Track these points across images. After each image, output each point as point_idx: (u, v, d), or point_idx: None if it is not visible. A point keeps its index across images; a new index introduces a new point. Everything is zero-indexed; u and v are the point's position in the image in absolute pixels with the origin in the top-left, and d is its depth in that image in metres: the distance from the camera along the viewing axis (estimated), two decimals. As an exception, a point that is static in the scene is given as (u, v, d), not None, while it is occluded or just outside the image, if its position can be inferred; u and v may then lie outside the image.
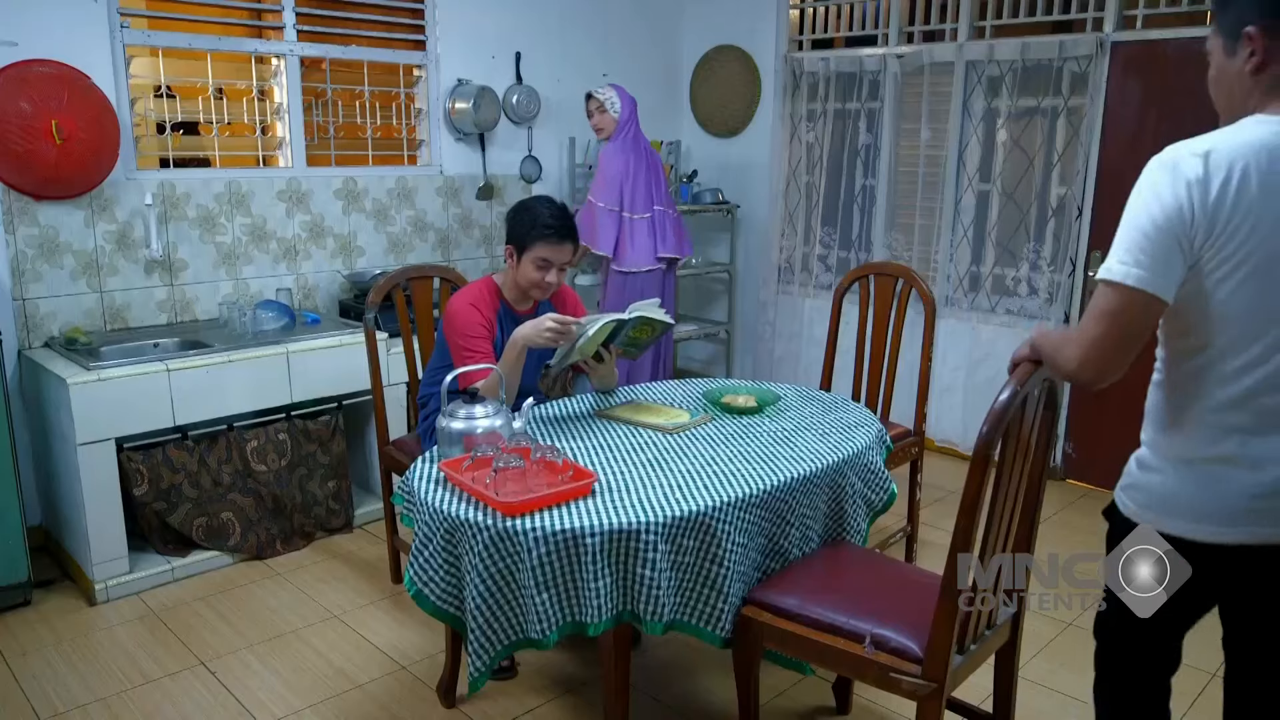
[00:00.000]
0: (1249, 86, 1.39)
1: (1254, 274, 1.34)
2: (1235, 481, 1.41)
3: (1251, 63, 1.38)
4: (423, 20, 4.21)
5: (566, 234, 2.51)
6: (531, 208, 2.54)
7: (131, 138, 3.42)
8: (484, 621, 1.87)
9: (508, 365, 2.42)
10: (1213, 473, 1.44)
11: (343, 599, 3.07)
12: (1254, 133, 1.34)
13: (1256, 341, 1.38)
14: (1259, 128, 1.35)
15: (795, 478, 2.10)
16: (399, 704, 2.50)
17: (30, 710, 2.46)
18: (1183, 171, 1.33)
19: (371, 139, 4.15)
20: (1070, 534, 3.62)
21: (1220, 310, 1.37)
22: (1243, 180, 1.31)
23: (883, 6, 4.53)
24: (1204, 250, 1.34)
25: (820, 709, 2.50)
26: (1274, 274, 1.34)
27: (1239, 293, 1.35)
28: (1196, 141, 1.35)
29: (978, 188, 4.28)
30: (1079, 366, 1.45)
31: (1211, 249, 1.34)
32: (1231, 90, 1.43)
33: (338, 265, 4.02)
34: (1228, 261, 1.34)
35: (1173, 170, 1.34)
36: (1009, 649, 2.05)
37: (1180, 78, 3.68)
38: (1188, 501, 1.46)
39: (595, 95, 4.04)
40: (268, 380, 3.27)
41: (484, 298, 2.57)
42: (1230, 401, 1.41)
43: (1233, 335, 1.39)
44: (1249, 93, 1.40)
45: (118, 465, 2.99)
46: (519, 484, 1.95)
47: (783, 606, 1.97)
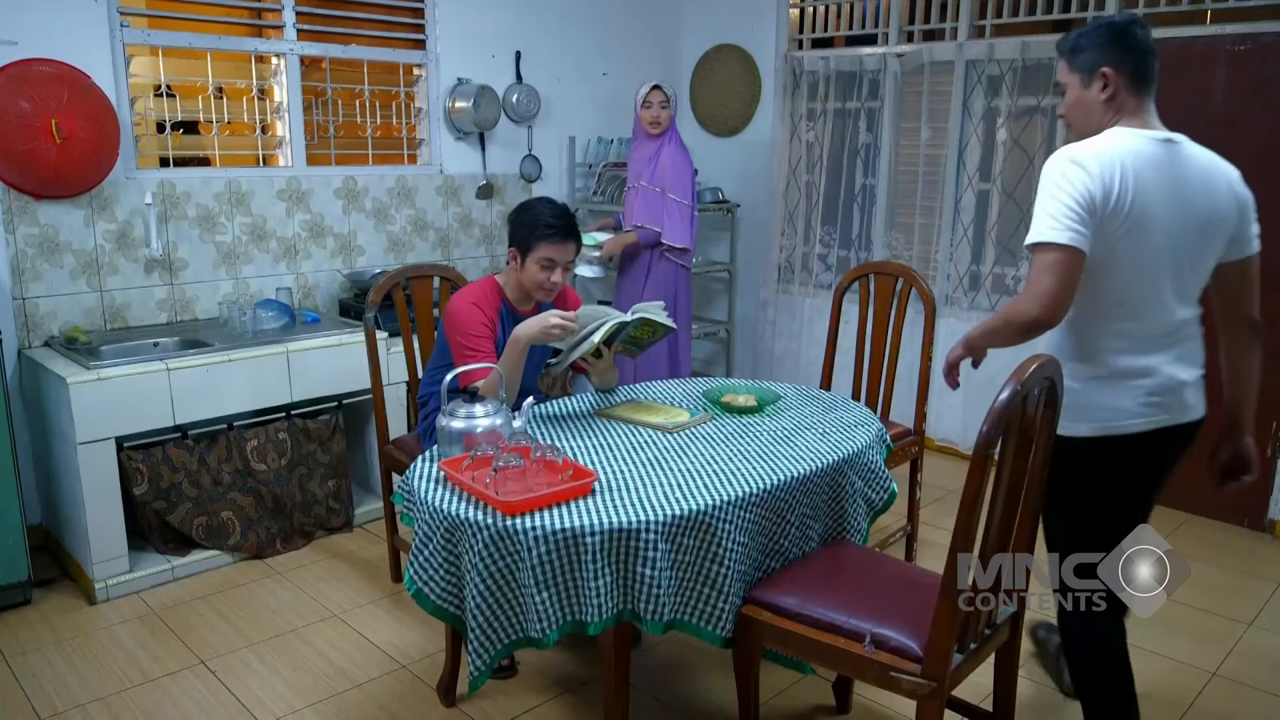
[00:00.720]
0: (1103, 110, 1.92)
1: (1130, 234, 1.82)
2: (1137, 387, 1.91)
3: (1106, 93, 1.90)
4: (423, 19, 4.20)
5: (570, 233, 2.51)
6: (533, 209, 2.54)
7: (131, 137, 3.42)
8: (484, 620, 1.87)
9: (509, 364, 2.42)
10: (1121, 383, 1.92)
11: (343, 598, 3.07)
12: (1122, 137, 1.86)
13: (1133, 286, 1.87)
14: (1124, 134, 1.86)
15: (795, 477, 2.10)
16: (399, 703, 2.50)
17: (30, 709, 2.46)
18: (1085, 165, 1.81)
19: (371, 138, 4.15)
20: (1070, 533, 3.62)
21: (1112, 264, 1.84)
22: (1123, 170, 1.80)
23: (883, 6, 4.53)
24: (1104, 219, 1.80)
25: (820, 708, 2.50)
26: (1145, 235, 1.83)
27: (1122, 250, 1.83)
28: (1085, 145, 1.85)
29: (978, 187, 4.28)
30: (1041, 311, 1.79)
31: (1109, 219, 1.80)
32: (1089, 113, 1.94)
33: (338, 264, 4.02)
34: (1119, 228, 1.81)
35: (1078, 164, 1.81)
36: (1009, 648, 2.05)
37: (1179, 77, 3.67)
38: (1109, 405, 1.93)
39: (663, 88, 3.97)
40: (268, 379, 3.27)
41: (486, 297, 2.57)
42: (1121, 331, 1.90)
43: (1118, 281, 1.86)
44: (1103, 114, 1.92)
45: (118, 464, 2.99)
46: (519, 483, 1.95)
47: (783, 606, 1.97)
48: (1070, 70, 1.95)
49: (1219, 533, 3.68)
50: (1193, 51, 3.63)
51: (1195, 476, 3.79)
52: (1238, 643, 2.85)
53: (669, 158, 3.99)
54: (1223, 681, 2.65)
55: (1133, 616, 2.93)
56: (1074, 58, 1.94)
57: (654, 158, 4.00)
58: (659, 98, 3.93)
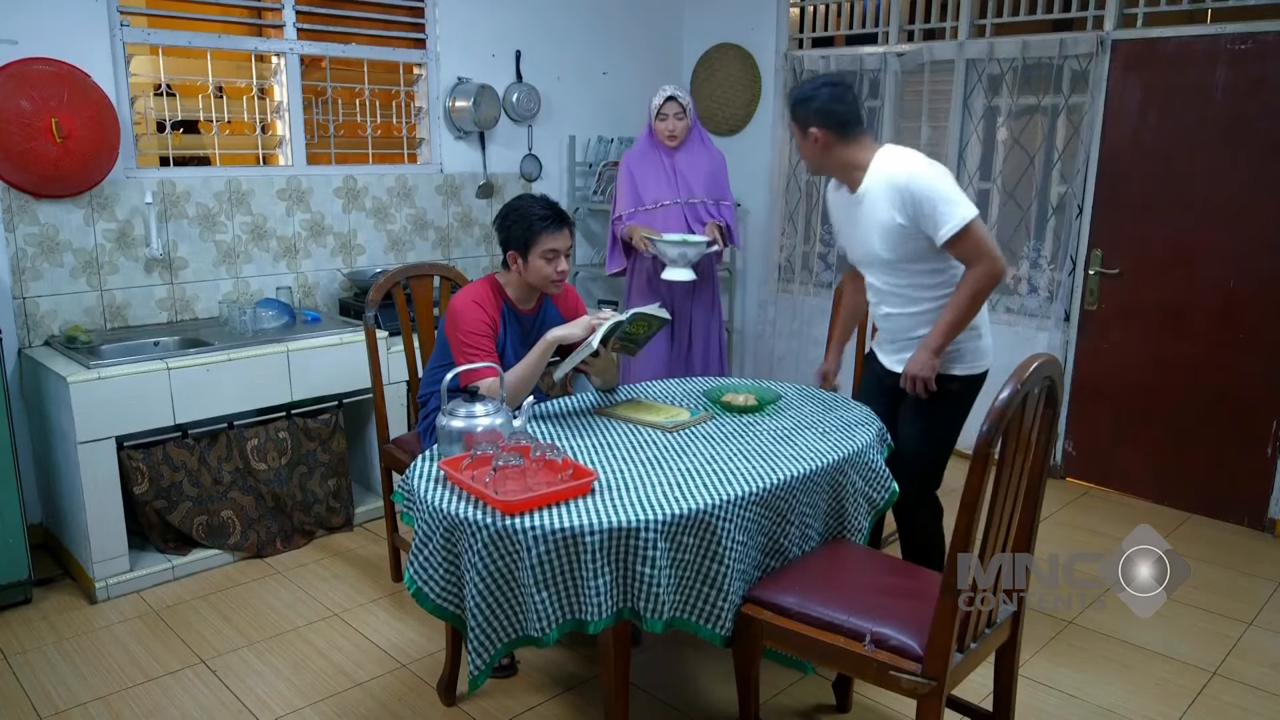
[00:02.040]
0: (823, 154, 2.46)
1: None
2: (986, 335, 2.55)
3: (818, 145, 2.45)
4: (423, 18, 4.20)
5: (564, 220, 2.52)
6: (520, 208, 2.52)
7: (131, 136, 3.42)
8: (483, 619, 1.87)
9: (534, 363, 2.45)
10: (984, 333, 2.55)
11: (343, 597, 3.07)
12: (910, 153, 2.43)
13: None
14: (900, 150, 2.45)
15: (795, 476, 2.10)
16: (399, 702, 2.50)
17: (31, 708, 2.46)
18: (935, 163, 2.41)
19: (371, 137, 4.14)
20: (1070, 533, 3.62)
21: None
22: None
23: (883, 5, 4.53)
24: None
25: (820, 707, 2.50)
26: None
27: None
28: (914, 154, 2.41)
29: (978, 186, 4.28)
30: (1003, 264, 2.38)
31: None
32: (815, 156, 2.48)
33: (338, 264, 4.02)
34: None
35: (933, 163, 2.40)
36: (1009, 647, 2.05)
37: (1180, 76, 3.67)
38: (988, 348, 2.55)
39: (678, 98, 3.66)
40: (268, 379, 3.27)
41: (488, 296, 2.57)
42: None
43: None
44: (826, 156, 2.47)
45: (118, 463, 2.99)
46: (518, 482, 1.95)
47: (783, 604, 1.97)
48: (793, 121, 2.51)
49: (1219, 532, 3.68)
50: (1193, 51, 3.63)
51: (1195, 476, 3.82)
52: (1238, 643, 2.85)
53: (722, 167, 3.83)
54: (1223, 681, 2.65)
55: (1133, 616, 2.94)
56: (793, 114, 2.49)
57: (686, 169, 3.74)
58: (674, 109, 3.64)
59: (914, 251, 2.41)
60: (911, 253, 2.41)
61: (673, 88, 3.70)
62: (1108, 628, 2.89)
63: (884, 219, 2.40)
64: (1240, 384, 3.66)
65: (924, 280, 2.46)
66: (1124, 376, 3.97)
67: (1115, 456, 4.05)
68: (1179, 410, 3.83)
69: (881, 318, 2.61)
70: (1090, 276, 3.98)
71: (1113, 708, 2.51)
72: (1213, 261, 3.67)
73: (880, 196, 2.40)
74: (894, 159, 2.40)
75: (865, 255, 2.54)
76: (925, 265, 2.44)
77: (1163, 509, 3.90)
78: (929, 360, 2.41)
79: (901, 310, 2.52)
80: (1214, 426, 3.75)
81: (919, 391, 2.46)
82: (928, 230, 2.35)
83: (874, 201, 2.42)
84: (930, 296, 2.47)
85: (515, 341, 2.61)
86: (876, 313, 2.64)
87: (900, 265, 2.46)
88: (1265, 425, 3.62)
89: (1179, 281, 3.77)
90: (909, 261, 2.44)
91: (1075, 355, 4.09)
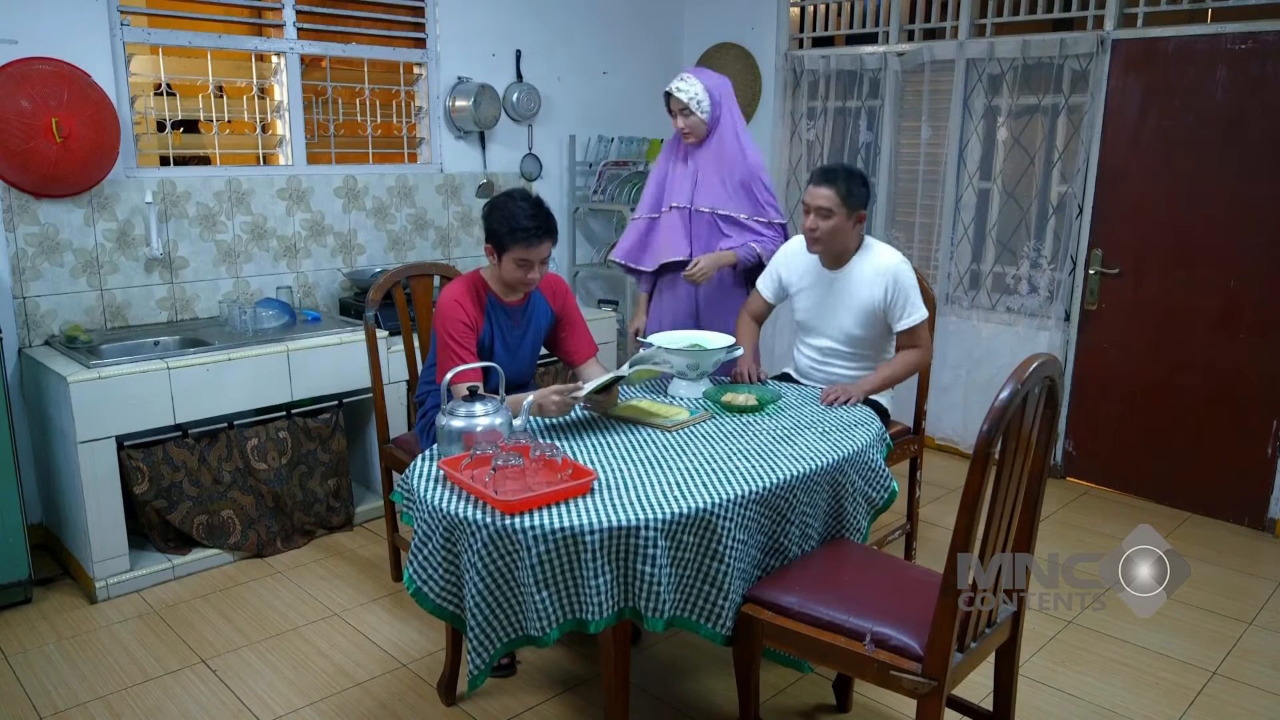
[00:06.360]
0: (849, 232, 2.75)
1: None
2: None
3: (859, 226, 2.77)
4: (423, 18, 4.20)
5: (544, 233, 2.45)
6: (505, 208, 2.46)
7: (131, 135, 3.42)
8: (483, 619, 1.87)
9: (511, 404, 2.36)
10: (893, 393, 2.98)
11: (343, 597, 3.07)
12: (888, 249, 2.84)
13: None
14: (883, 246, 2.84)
15: (795, 475, 2.10)
16: (399, 701, 2.50)
17: (31, 708, 2.46)
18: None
19: (372, 137, 4.14)
20: (1070, 533, 3.62)
21: None
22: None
23: (883, 4, 4.53)
24: None
25: (820, 706, 2.50)
26: None
27: None
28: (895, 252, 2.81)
29: (978, 186, 4.28)
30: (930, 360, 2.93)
31: None
32: (845, 232, 2.74)
33: (338, 263, 4.02)
34: None
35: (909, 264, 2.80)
36: (1009, 647, 2.05)
37: (1180, 76, 3.67)
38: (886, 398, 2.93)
39: (677, 93, 3.07)
40: (268, 378, 3.27)
41: (470, 292, 2.57)
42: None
43: None
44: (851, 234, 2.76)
45: (118, 463, 2.99)
46: (518, 482, 1.95)
47: (783, 604, 1.97)
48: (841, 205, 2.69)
49: (1219, 532, 3.68)
50: (1193, 51, 3.63)
51: (1195, 476, 3.82)
52: (1238, 642, 2.85)
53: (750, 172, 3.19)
54: (1223, 681, 2.65)
55: (1133, 616, 2.94)
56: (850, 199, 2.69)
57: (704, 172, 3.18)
58: (676, 105, 3.08)
59: (877, 330, 2.83)
60: (875, 331, 2.84)
61: (678, 80, 3.10)
62: (1108, 628, 2.89)
63: (865, 297, 2.78)
64: (1240, 384, 3.66)
65: (868, 351, 2.90)
66: (1124, 376, 3.97)
67: (1115, 456, 4.05)
68: (1179, 410, 3.83)
69: (820, 371, 2.97)
70: (1090, 276, 3.98)
71: (1113, 708, 2.51)
72: (1213, 261, 3.67)
73: (866, 278, 2.78)
74: (883, 249, 2.82)
75: (833, 326, 2.88)
76: (879, 342, 2.89)
77: (1163, 509, 3.90)
78: (860, 391, 2.71)
79: (845, 370, 2.92)
80: (1214, 426, 3.75)
81: (836, 401, 2.66)
82: (893, 314, 2.76)
83: (858, 281, 2.79)
84: (871, 365, 2.91)
85: (503, 333, 2.62)
86: (815, 368, 2.98)
87: (861, 338, 2.85)
88: (1265, 425, 3.62)
89: (1179, 281, 3.77)
90: (869, 336, 2.85)
91: (1075, 355, 4.09)
